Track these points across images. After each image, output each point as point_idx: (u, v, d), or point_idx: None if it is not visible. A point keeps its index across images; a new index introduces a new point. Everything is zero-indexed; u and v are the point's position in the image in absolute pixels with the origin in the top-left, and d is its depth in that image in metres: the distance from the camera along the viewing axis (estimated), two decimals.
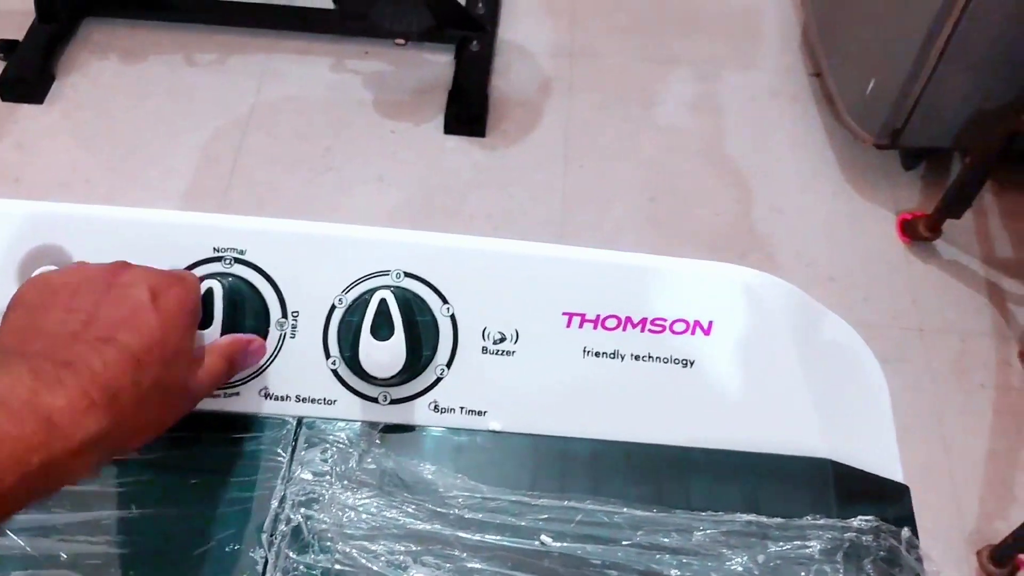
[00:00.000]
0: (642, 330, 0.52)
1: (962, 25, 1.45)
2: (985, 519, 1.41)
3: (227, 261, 0.52)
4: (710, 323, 0.52)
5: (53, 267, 0.52)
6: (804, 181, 1.81)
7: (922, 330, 1.61)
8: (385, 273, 0.52)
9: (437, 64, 1.93)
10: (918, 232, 1.68)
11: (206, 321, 0.49)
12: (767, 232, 1.73)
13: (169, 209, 0.54)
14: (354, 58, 1.93)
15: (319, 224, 0.54)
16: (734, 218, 1.75)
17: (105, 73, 1.89)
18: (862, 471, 0.51)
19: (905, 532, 0.48)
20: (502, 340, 0.52)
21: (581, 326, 0.52)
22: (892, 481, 0.52)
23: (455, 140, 1.82)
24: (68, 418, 0.37)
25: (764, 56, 2.02)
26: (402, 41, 1.82)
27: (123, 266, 0.46)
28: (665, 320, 0.52)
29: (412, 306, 0.51)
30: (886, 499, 0.51)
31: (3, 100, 1.82)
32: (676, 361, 0.52)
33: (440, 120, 1.83)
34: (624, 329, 0.52)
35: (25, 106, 1.83)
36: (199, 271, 0.52)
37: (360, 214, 1.68)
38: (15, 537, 0.48)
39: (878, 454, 0.53)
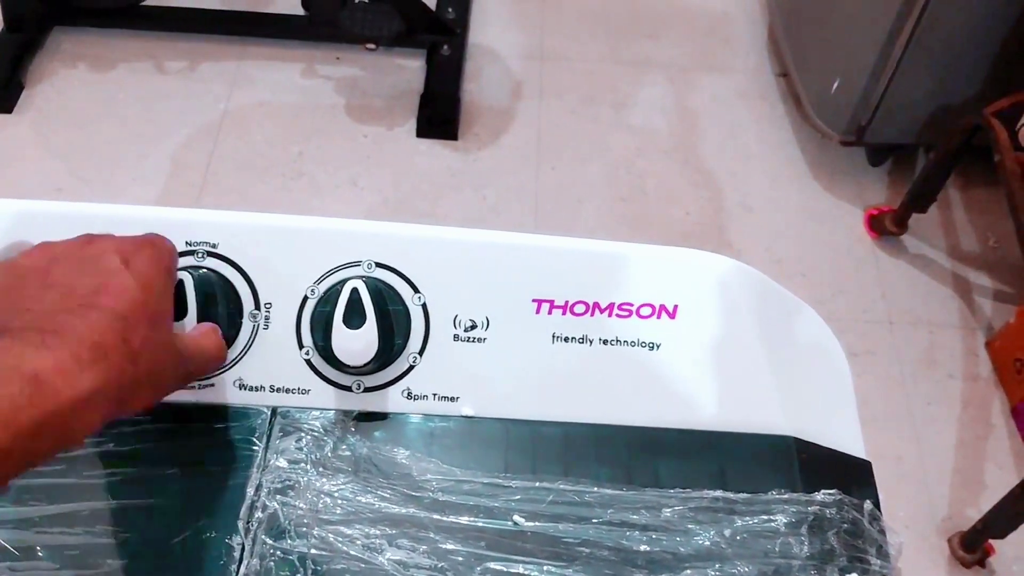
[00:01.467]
0: (609, 315, 0.53)
1: (923, 23, 1.48)
2: (956, 506, 1.44)
3: (199, 255, 0.53)
4: (675, 307, 0.53)
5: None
6: (772, 179, 1.83)
7: (891, 323, 1.64)
8: (356, 264, 0.53)
9: (408, 69, 1.94)
10: (885, 227, 1.71)
11: (180, 313, 0.50)
12: (737, 230, 1.75)
13: (147, 206, 0.55)
14: (325, 63, 1.94)
15: (290, 217, 0.54)
16: (704, 217, 1.77)
17: (74, 82, 1.89)
18: (825, 447, 0.53)
19: (867, 505, 0.50)
20: (473, 327, 0.53)
21: (550, 312, 0.53)
22: (854, 457, 0.54)
23: (427, 144, 1.83)
24: (57, 376, 0.37)
25: (731, 57, 2.05)
26: (372, 46, 1.82)
27: (88, 239, 0.46)
28: (632, 305, 0.53)
29: (384, 295, 0.52)
30: (849, 474, 0.52)
31: None
32: (643, 344, 0.53)
33: (412, 124, 1.84)
34: (592, 314, 0.53)
35: None
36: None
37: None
38: None
39: (841, 431, 0.55)
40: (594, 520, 0.48)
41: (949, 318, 1.65)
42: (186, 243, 0.53)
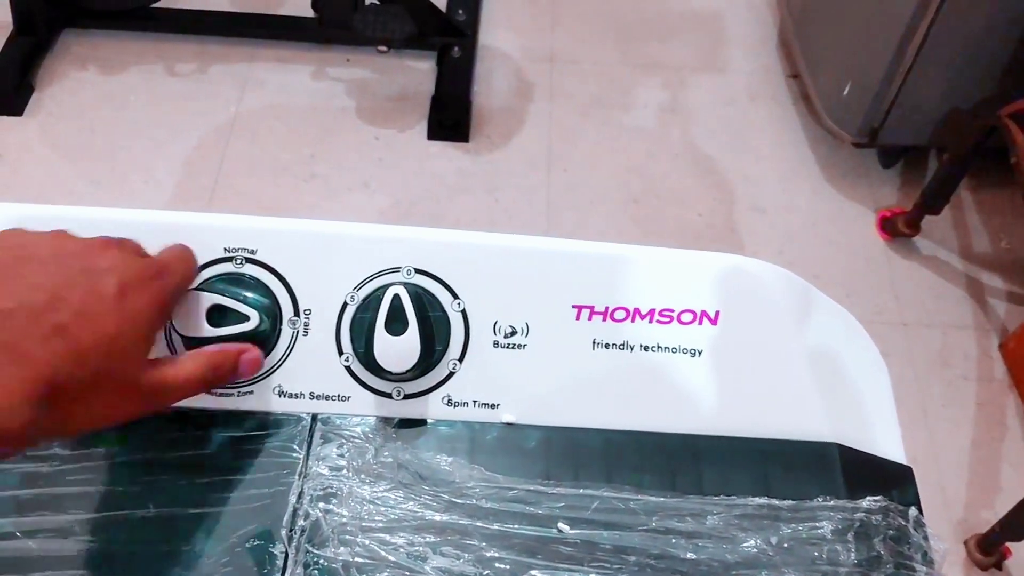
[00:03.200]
0: (650, 321, 0.53)
1: (937, 25, 1.48)
2: (972, 509, 1.44)
3: (238, 261, 0.53)
4: (716, 313, 0.53)
5: None
6: (784, 181, 1.83)
7: (904, 325, 1.63)
8: (396, 270, 0.53)
9: (419, 71, 1.94)
10: (898, 229, 1.71)
11: (221, 321, 0.49)
12: (749, 231, 1.75)
13: (183, 211, 0.54)
14: (336, 66, 1.94)
15: (329, 223, 0.54)
16: (716, 218, 1.77)
17: (85, 84, 1.89)
18: (867, 453, 0.53)
19: (912, 511, 0.50)
20: (513, 334, 0.53)
21: (590, 318, 0.53)
22: (896, 463, 0.53)
23: (439, 146, 1.83)
24: (1, 406, 0.37)
25: (742, 58, 2.04)
26: (384, 48, 1.82)
27: (104, 246, 0.44)
28: (672, 311, 0.53)
29: (424, 301, 0.52)
30: (891, 480, 0.52)
31: None
32: (684, 351, 0.53)
33: (423, 126, 1.84)
34: (632, 320, 0.53)
35: (3, 118, 1.82)
36: (210, 272, 0.52)
37: (347, 220, 1.68)
38: (29, 541, 0.48)
39: (881, 437, 0.54)
40: (639, 527, 0.48)
41: (962, 320, 1.65)
42: (224, 249, 0.53)
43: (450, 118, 1.83)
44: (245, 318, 0.50)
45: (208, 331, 0.49)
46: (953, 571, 1.38)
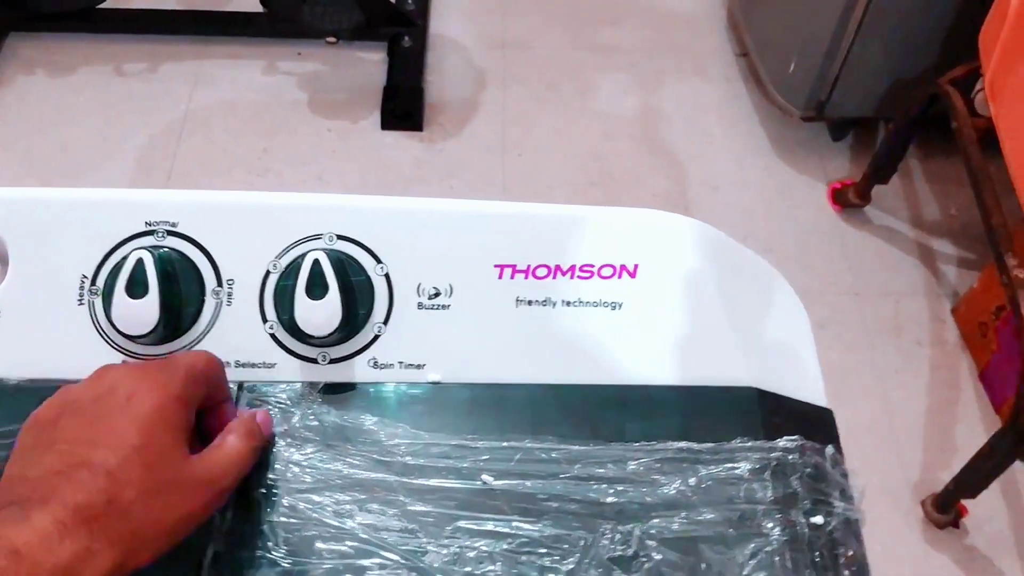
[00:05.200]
0: (571, 277, 0.54)
1: None
2: (928, 470, 1.46)
3: (159, 234, 0.53)
4: (636, 266, 0.54)
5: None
6: (737, 158, 1.85)
7: (858, 294, 1.66)
8: (318, 237, 0.54)
9: (370, 62, 1.94)
10: (848, 200, 1.73)
11: (140, 292, 0.50)
12: (704, 209, 1.77)
13: (105, 188, 0.55)
14: (287, 60, 1.93)
15: (250, 193, 0.55)
16: (672, 197, 1.78)
17: (33, 88, 1.87)
18: (786, 397, 0.54)
19: (829, 449, 0.51)
20: (437, 295, 0.54)
21: (513, 277, 0.54)
22: (816, 405, 0.55)
23: (393, 136, 1.83)
24: (37, 547, 0.37)
25: (692, 40, 2.06)
26: (333, 40, 1.82)
27: (103, 372, 0.46)
28: (593, 266, 0.54)
29: (346, 267, 0.52)
30: (811, 421, 0.53)
31: None
32: (605, 304, 0.54)
33: (376, 117, 1.84)
34: (554, 277, 0.54)
35: None
36: (131, 246, 0.53)
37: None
38: None
39: (802, 381, 0.56)
40: (561, 475, 0.49)
41: (914, 287, 1.68)
42: (146, 223, 0.53)
43: (402, 108, 1.83)
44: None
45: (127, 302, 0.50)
46: (912, 532, 1.40)
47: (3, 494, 0.41)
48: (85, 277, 0.53)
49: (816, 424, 0.53)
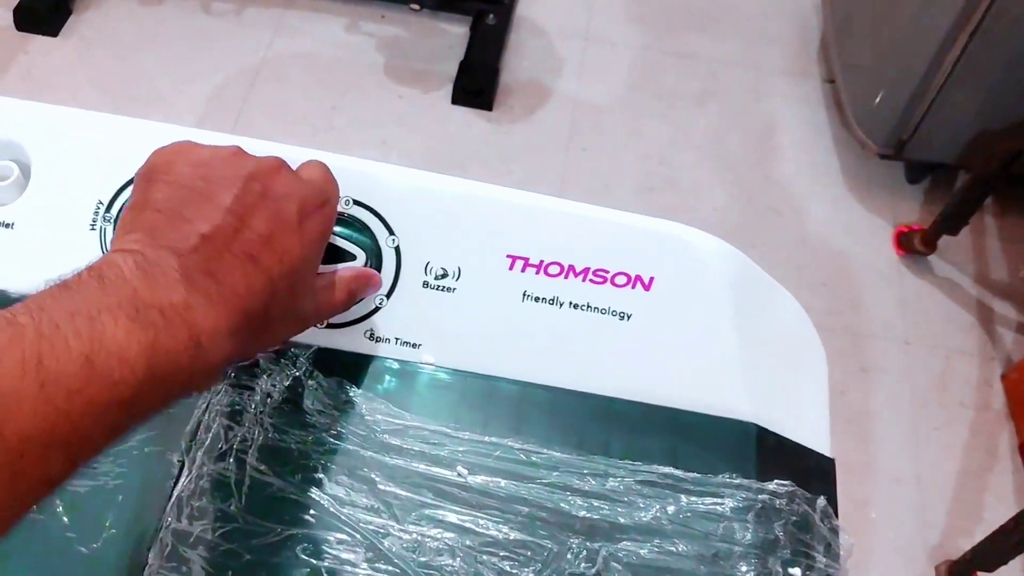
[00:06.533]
0: (583, 279, 0.52)
1: (973, 43, 1.44)
2: (949, 535, 1.41)
3: None
4: (651, 279, 0.52)
5: (11, 162, 0.53)
6: (805, 185, 1.80)
7: (907, 343, 1.61)
8: None
9: (451, 34, 1.93)
10: (913, 246, 1.68)
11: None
12: (761, 232, 1.72)
13: (134, 118, 0.55)
14: (369, 20, 1.93)
15: (274, 144, 0.54)
16: (730, 215, 1.75)
17: (122, 12, 1.90)
18: (788, 439, 0.52)
19: (821, 501, 0.48)
20: (444, 276, 0.52)
21: (524, 270, 0.52)
22: (817, 452, 0.52)
23: (461, 111, 1.82)
24: (211, 341, 0.36)
25: (780, 58, 2.01)
26: (417, 7, 1.82)
27: (276, 167, 0.42)
28: (607, 272, 0.52)
29: (357, 232, 0.51)
30: (808, 468, 0.51)
31: (17, 29, 1.83)
32: (613, 313, 0.52)
33: (448, 90, 1.83)
34: (566, 277, 0.52)
35: (39, 37, 1.84)
36: None
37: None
38: None
39: (808, 425, 0.53)
40: (537, 481, 0.47)
41: (967, 345, 1.62)
42: None
43: (476, 85, 1.82)
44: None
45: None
46: None
47: (159, 220, 0.38)
48: (101, 203, 0.53)
49: (814, 472, 0.51)
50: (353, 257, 0.51)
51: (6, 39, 1.83)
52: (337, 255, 0.51)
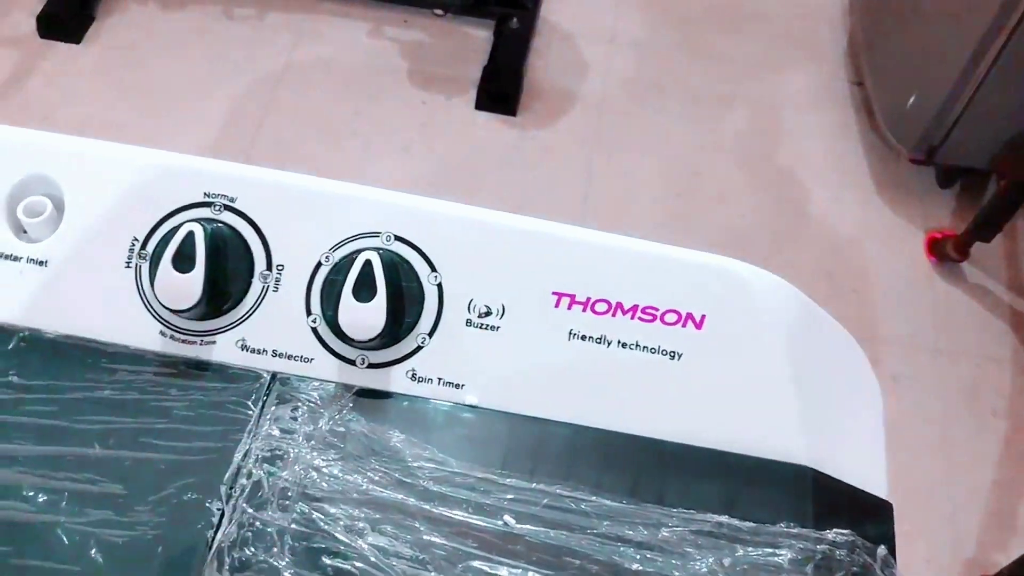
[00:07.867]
0: (632, 317, 0.51)
1: (1010, 46, 1.41)
2: (983, 549, 1.38)
3: (216, 207, 0.51)
4: (703, 317, 0.50)
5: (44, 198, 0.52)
6: (834, 190, 1.77)
7: (938, 351, 1.58)
8: (375, 234, 0.51)
9: (475, 39, 1.91)
10: (945, 252, 1.65)
11: (187, 267, 0.48)
12: (790, 237, 1.70)
13: (170, 152, 0.53)
14: (392, 25, 1.92)
15: (313, 178, 0.53)
16: (759, 220, 1.72)
17: (144, 18, 1.89)
18: (845, 483, 0.50)
19: (881, 551, 0.47)
20: (488, 314, 0.51)
21: (570, 307, 0.51)
22: (875, 497, 0.50)
23: (485, 117, 1.80)
24: None
25: (807, 60, 1.98)
26: (441, 12, 1.80)
27: None
28: (657, 309, 0.51)
29: (399, 270, 0.50)
30: (866, 515, 0.49)
31: (41, 37, 1.83)
32: (664, 352, 0.50)
33: (472, 95, 1.81)
34: (614, 315, 0.51)
35: (61, 45, 1.83)
36: (185, 215, 0.51)
37: (381, 182, 1.67)
38: None
39: (864, 468, 0.51)
40: (588, 531, 0.46)
41: (1000, 354, 1.59)
42: (204, 194, 0.52)
43: (500, 90, 1.80)
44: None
45: None
46: None
47: None
48: (136, 240, 0.51)
49: (872, 518, 0.49)
50: (421, 296, 0.50)
51: (29, 46, 1.82)
52: (399, 294, 0.49)
